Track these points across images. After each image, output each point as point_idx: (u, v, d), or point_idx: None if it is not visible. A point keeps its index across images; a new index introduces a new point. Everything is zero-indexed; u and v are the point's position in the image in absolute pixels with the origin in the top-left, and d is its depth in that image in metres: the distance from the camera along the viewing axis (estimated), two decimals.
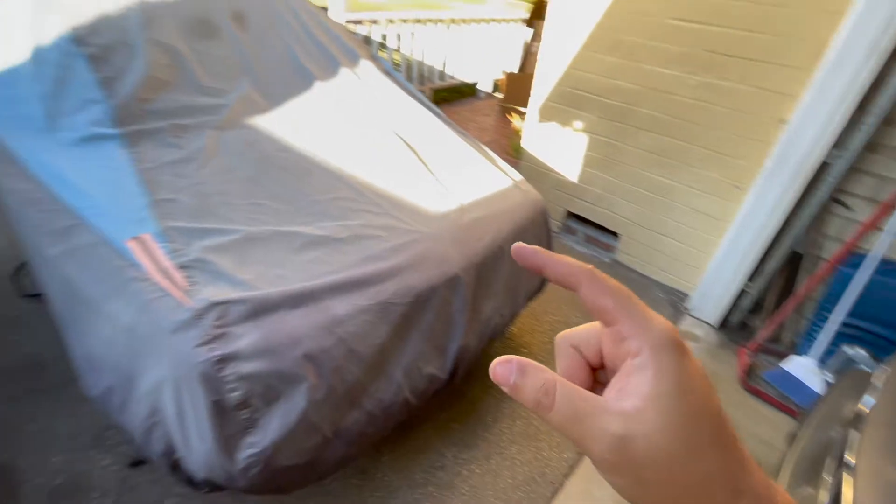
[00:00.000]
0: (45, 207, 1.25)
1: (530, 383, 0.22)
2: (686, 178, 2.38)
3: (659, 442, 0.21)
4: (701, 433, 0.21)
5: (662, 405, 0.21)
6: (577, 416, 0.22)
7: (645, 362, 0.22)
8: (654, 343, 0.22)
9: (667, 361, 0.22)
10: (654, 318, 0.23)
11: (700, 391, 0.21)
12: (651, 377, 0.21)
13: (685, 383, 0.21)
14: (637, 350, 0.22)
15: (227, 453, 1.00)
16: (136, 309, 1.03)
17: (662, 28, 2.17)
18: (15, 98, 1.51)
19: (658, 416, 0.21)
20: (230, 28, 1.94)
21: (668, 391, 0.21)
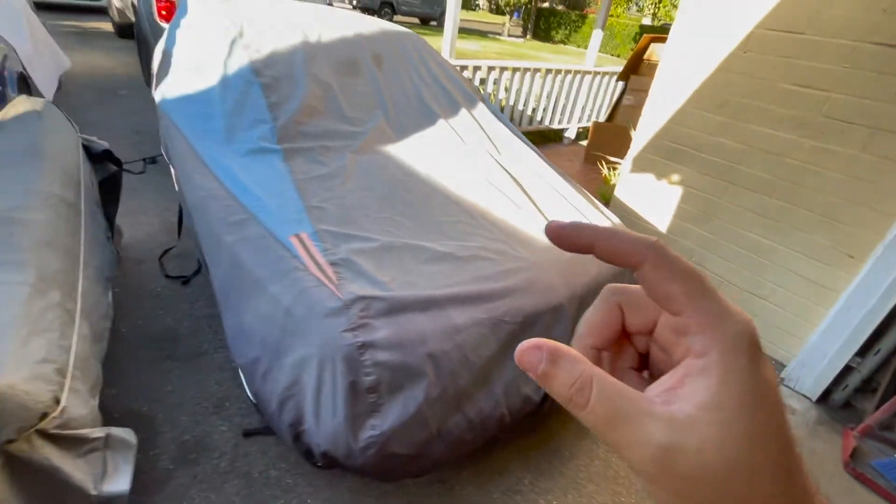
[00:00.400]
0: (224, 203, 1.52)
1: (563, 375, 0.20)
2: (790, 242, 2.31)
3: (712, 459, 0.18)
4: (765, 454, 0.18)
5: (723, 418, 0.18)
6: (616, 419, 0.19)
7: (710, 365, 0.19)
8: (726, 345, 0.19)
9: (737, 368, 0.19)
10: (730, 315, 0.20)
11: (770, 407, 0.19)
12: (714, 384, 0.19)
13: (755, 396, 0.19)
14: (702, 350, 0.20)
15: (353, 430, 1.14)
16: (296, 293, 1.22)
17: (776, 91, 2.19)
18: (206, 114, 1.86)
19: (715, 429, 0.18)
20: (370, 68, 2.25)
21: (733, 403, 0.18)
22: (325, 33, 2.24)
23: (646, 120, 2.76)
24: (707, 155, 2.52)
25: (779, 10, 2.12)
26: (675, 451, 0.18)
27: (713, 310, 0.20)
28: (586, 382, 0.20)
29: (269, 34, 2.09)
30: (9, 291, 0.98)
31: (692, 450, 0.18)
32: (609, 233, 0.21)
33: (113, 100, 4.85)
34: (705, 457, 0.18)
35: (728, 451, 0.18)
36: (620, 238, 0.21)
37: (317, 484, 1.56)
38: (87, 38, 7.10)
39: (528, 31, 23.90)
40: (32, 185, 1.34)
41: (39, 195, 1.31)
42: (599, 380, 0.20)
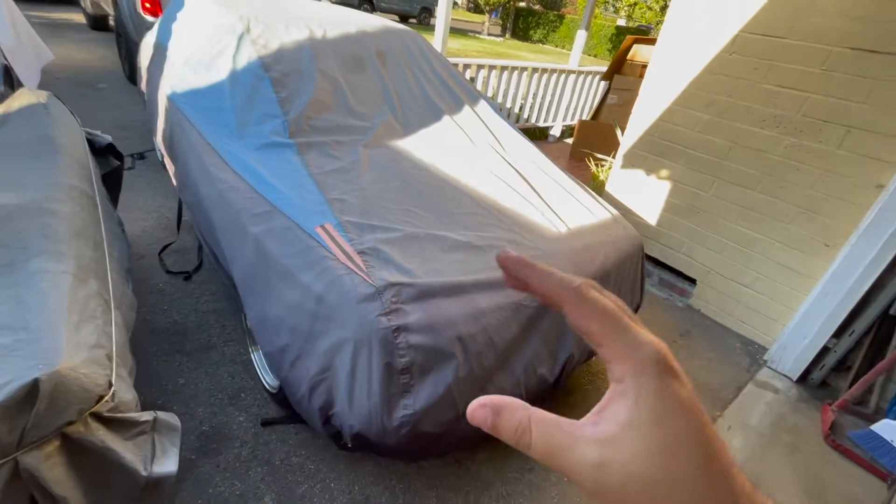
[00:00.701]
0: (246, 195, 1.54)
1: (506, 424, 0.23)
2: (771, 232, 2.46)
3: (636, 470, 0.20)
4: (684, 462, 0.20)
5: (640, 433, 0.20)
6: (554, 450, 0.22)
7: (626, 389, 0.21)
8: (637, 368, 0.21)
9: (648, 387, 0.21)
10: (641, 344, 0.21)
11: (685, 418, 0.21)
12: (630, 404, 0.21)
13: (667, 409, 0.21)
14: (620, 376, 0.22)
15: (387, 410, 1.19)
16: (328, 281, 1.26)
17: (759, 91, 2.34)
18: (218, 108, 1.87)
19: (634, 443, 0.20)
20: (375, 64, 2.29)
21: (647, 418, 0.21)
22: (330, 29, 2.26)
23: (635, 118, 2.88)
24: (694, 151, 2.66)
25: (761, 15, 2.26)
26: (605, 467, 0.20)
27: (625, 342, 0.21)
28: (525, 427, 0.22)
29: (275, 30, 2.11)
30: (55, 280, 1.00)
31: (618, 464, 0.20)
32: (541, 274, 0.24)
33: (92, 93, 4.72)
34: (630, 469, 0.20)
35: (648, 461, 0.20)
36: (550, 280, 0.23)
37: (338, 469, 1.60)
38: (58, 30, 6.85)
39: (507, 30, 24.11)
40: (54, 177, 1.34)
41: (63, 187, 1.32)
42: (536, 421, 0.22)
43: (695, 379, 2.33)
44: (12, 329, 0.89)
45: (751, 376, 2.40)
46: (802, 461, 1.95)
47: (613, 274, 1.74)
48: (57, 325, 0.91)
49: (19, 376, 0.80)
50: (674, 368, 0.21)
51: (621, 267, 1.80)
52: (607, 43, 20.84)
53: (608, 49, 20.82)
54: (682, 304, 2.93)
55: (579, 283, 0.23)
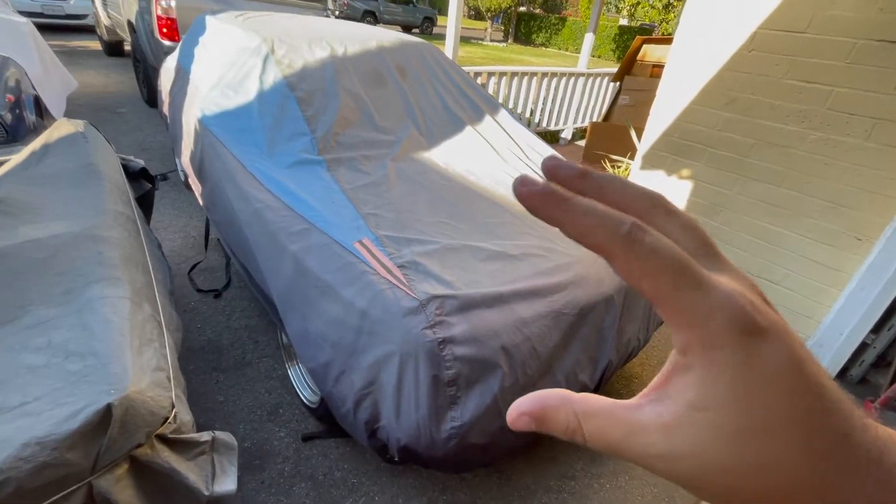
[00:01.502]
0: (282, 213, 1.57)
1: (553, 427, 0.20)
2: (800, 228, 2.43)
3: (713, 460, 0.17)
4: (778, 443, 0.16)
5: (713, 416, 0.17)
6: (612, 444, 0.19)
7: (692, 362, 0.17)
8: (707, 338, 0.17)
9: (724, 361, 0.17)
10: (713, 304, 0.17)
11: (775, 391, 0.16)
12: (699, 381, 0.17)
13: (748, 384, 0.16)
14: (683, 346, 0.18)
15: (436, 423, 1.20)
16: (371, 296, 1.28)
17: (781, 87, 2.32)
18: (248, 129, 1.91)
19: (707, 428, 0.17)
20: (395, 79, 2.32)
21: (722, 397, 0.17)
22: (349, 46, 2.31)
23: (654, 119, 2.87)
24: (716, 149, 2.64)
25: (780, 11, 2.25)
26: (674, 457, 0.17)
27: (692, 305, 0.17)
28: (573, 425, 0.19)
29: (298, 49, 2.15)
30: (115, 305, 1.03)
31: (689, 454, 0.17)
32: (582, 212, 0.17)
33: (113, 118, 4.84)
34: (706, 459, 0.17)
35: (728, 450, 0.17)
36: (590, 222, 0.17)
37: (381, 482, 1.61)
38: (76, 57, 7.04)
39: (510, 35, 24.23)
40: (101, 204, 1.38)
41: (110, 213, 1.35)
42: (584, 416, 0.19)
43: None
44: (80, 356, 0.91)
45: None
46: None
47: None
48: (122, 350, 0.94)
49: (92, 402, 0.83)
50: (760, 326, 0.17)
51: None
52: (611, 43, 20.83)
53: (612, 49, 20.81)
54: None
55: (629, 225, 0.17)
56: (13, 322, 0.97)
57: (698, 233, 0.19)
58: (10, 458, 0.75)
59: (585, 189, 0.19)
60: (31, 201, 1.36)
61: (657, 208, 0.19)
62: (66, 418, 0.80)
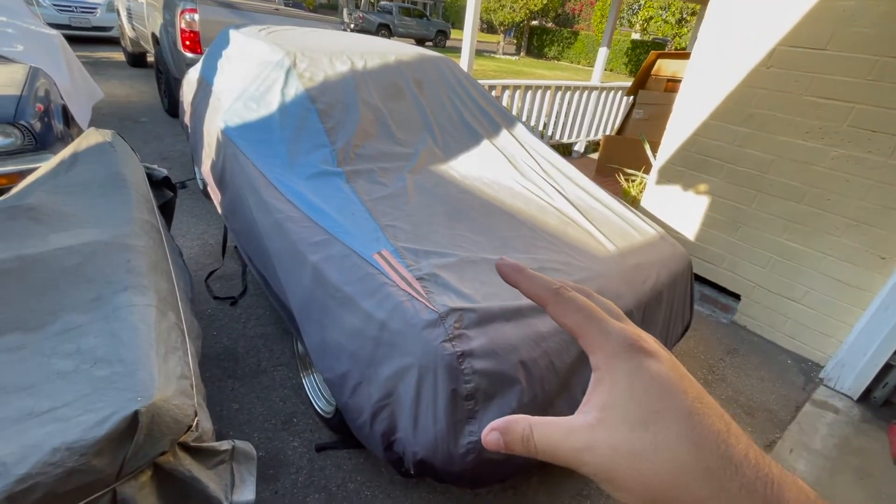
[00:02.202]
0: (302, 224, 1.59)
1: (513, 438, 0.24)
2: (820, 245, 2.40)
3: (619, 446, 0.22)
4: (662, 431, 0.21)
5: (617, 411, 0.22)
6: (555, 448, 0.23)
7: (602, 375, 0.23)
8: (609, 355, 0.23)
9: (620, 370, 0.23)
10: (612, 331, 0.24)
11: (659, 390, 0.22)
12: (607, 387, 0.23)
13: (640, 385, 0.22)
14: (596, 364, 0.24)
15: (453, 437, 1.19)
16: (390, 308, 1.28)
17: (801, 104, 2.31)
18: (269, 140, 1.95)
19: (614, 421, 0.22)
20: (413, 92, 2.35)
21: (622, 396, 0.22)
22: (369, 60, 2.35)
23: (670, 133, 2.87)
24: (734, 165, 2.62)
25: (800, 28, 2.25)
26: (594, 449, 0.22)
27: (598, 333, 0.24)
28: (528, 434, 0.24)
29: (319, 63, 2.20)
30: (142, 313, 1.05)
31: (604, 444, 0.22)
32: (528, 276, 0.27)
33: (135, 127, 4.96)
34: (614, 446, 0.22)
35: (628, 437, 0.21)
36: (534, 281, 0.27)
37: (394, 494, 1.60)
38: (100, 68, 7.25)
39: (522, 48, 24.45)
40: (128, 212, 1.41)
41: (137, 222, 1.38)
42: (536, 425, 0.24)
43: (749, 399, 2.25)
44: (108, 362, 0.93)
45: (808, 395, 2.31)
46: (874, 486, 1.85)
47: (666, 292, 1.71)
48: (149, 358, 0.95)
49: (120, 409, 0.84)
50: (645, 348, 0.23)
51: (672, 285, 1.78)
52: (623, 57, 20.91)
53: (624, 63, 20.88)
54: (727, 321, 2.85)
55: (559, 285, 0.26)
56: (44, 328, 1.00)
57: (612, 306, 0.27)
58: (39, 462, 0.76)
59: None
60: (62, 209, 1.40)
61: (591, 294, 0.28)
62: (94, 424, 0.81)
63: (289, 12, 5.27)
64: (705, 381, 2.32)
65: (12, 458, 0.76)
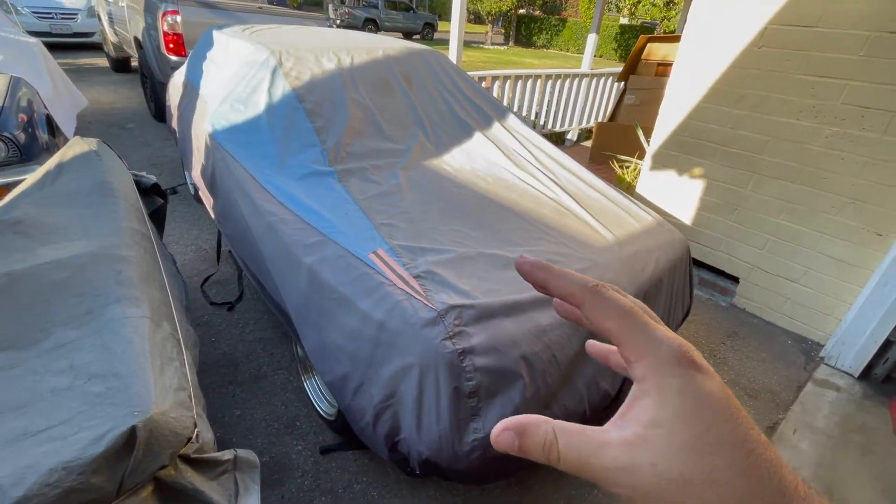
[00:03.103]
0: (295, 226, 1.57)
1: (532, 442, 0.22)
2: (816, 225, 2.39)
3: (666, 470, 0.20)
4: (718, 458, 0.19)
5: (666, 431, 0.20)
6: (583, 460, 0.21)
7: (648, 389, 0.21)
8: (658, 366, 0.21)
9: (670, 385, 0.21)
10: (660, 342, 0.22)
11: (714, 413, 0.20)
12: (654, 402, 0.21)
13: (694, 405, 0.20)
14: (641, 376, 0.22)
15: (458, 435, 1.18)
16: (388, 307, 1.26)
17: (793, 83, 2.29)
18: (258, 142, 1.92)
19: (661, 442, 0.20)
20: (402, 87, 2.32)
21: (673, 415, 0.20)
22: (356, 56, 2.31)
23: (663, 118, 2.85)
24: (728, 147, 2.61)
25: (790, 6, 2.22)
26: (635, 469, 0.20)
27: (644, 340, 0.22)
28: (552, 441, 0.22)
29: (305, 61, 2.16)
30: (135, 325, 1.02)
31: (648, 465, 0.20)
32: (558, 275, 0.24)
33: (122, 134, 4.89)
34: (660, 470, 0.20)
35: (678, 462, 0.20)
36: (568, 281, 0.24)
37: (401, 494, 1.59)
38: (84, 75, 7.14)
39: (510, 38, 24.28)
40: (117, 222, 1.39)
41: (126, 232, 1.36)
42: (561, 432, 0.22)
43: (751, 381, 2.25)
44: (103, 377, 0.91)
45: (809, 375, 2.31)
46: (877, 462, 1.86)
47: (666, 279, 1.71)
48: (144, 371, 0.93)
49: (117, 425, 0.82)
50: (697, 363, 0.21)
51: (672, 272, 1.77)
52: (612, 42, 20.80)
53: (613, 49, 20.77)
54: (726, 304, 2.86)
55: (596, 282, 0.24)
56: (36, 345, 0.97)
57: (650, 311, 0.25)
58: (36, 484, 0.74)
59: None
60: (48, 221, 1.37)
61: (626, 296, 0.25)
62: (91, 442, 0.79)
63: (273, 10, 5.19)
64: None
65: (8, 479, 0.74)
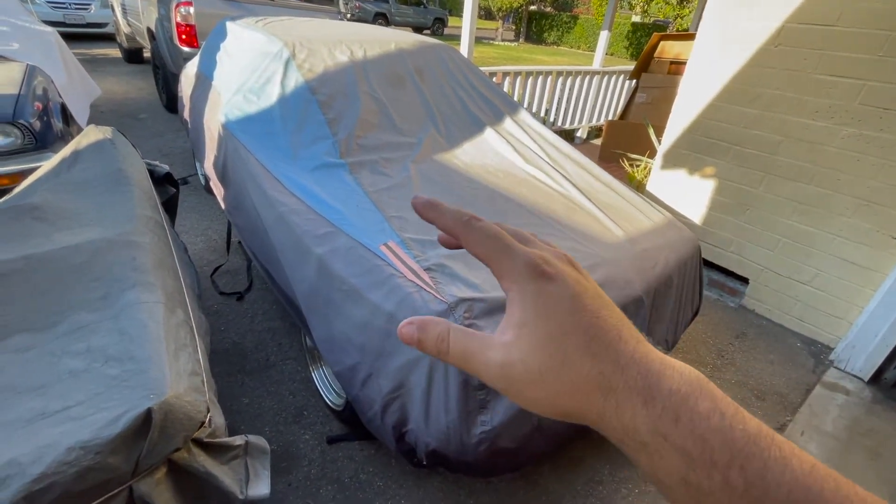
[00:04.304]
0: (307, 217, 1.57)
1: (430, 336, 0.26)
2: (831, 227, 2.37)
3: (531, 362, 0.23)
4: (567, 346, 0.23)
5: (529, 330, 0.24)
6: (468, 354, 0.25)
7: (513, 297, 0.25)
8: (517, 277, 0.25)
9: (528, 291, 0.24)
10: (518, 255, 0.25)
11: (561, 310, 0.24)
12: (518, 308, 0.25)
13: (545, 306, 0.24)
14: (507, 287, 0.26)
15: (466, 427, 1.19)
16: (399, 299, 1.27)
17: (810, 82, 2.26)
18: (271, 133, 1.93)
19: (526, 339, 0.24)
20: (414, 80, 2.32)
21: (532, 316, 0.24)
22: (369, 49, 2.31)
23: (675, 116, 2.83)
24: (741, 147, 2.58)
25: (808, 5, 2.19)
26: (509, 364, 0.24)
27: (508, 258, 0.25)
28: (444, 335, 0.26)
29: (318, 53, 2.16)
30: (150, 311, 1.04)
31: (518, 359, 0.24)
32: (444, 211, 0.27)
33: (135, 124, 4.93)
34: (527, 361, 0.23)
35: (539, 353, 0.23)
36: (446, 217, 0.27)
37: (407, 485, 1.60)
38: (98, 65, 7.20)
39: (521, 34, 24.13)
40: (131, 209, 1.40)
41: (141, 219, 1.37)
42: (454, 331, 0.26)
43: (759, 382, 2.24)
44: (119, 360, 0.92)
45: (818, 378, 2.30)
46: (886, 465, 1.85)
47: (675, 278, 1.70)
48: (160, 355, 0.94)
49: (133, 407, 0.83)
50: (546, 272, 0.25)
51: (682, 270, 1.76)
52: (623, 40, 20.61)
53: (625, 46, 20.59)
54: (735, 305, 2.84)
55: (469, 216, 0.27)
56: (53, 327, 0.99)
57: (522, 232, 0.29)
58: (55, 462, 0.76)
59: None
60: (65, 207, 1.39)
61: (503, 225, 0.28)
62: (108, 423, 0.81)
63: (285, 2, 5.19)
64: (714, 366, 2.32)
65: (27, 458, 0.76)
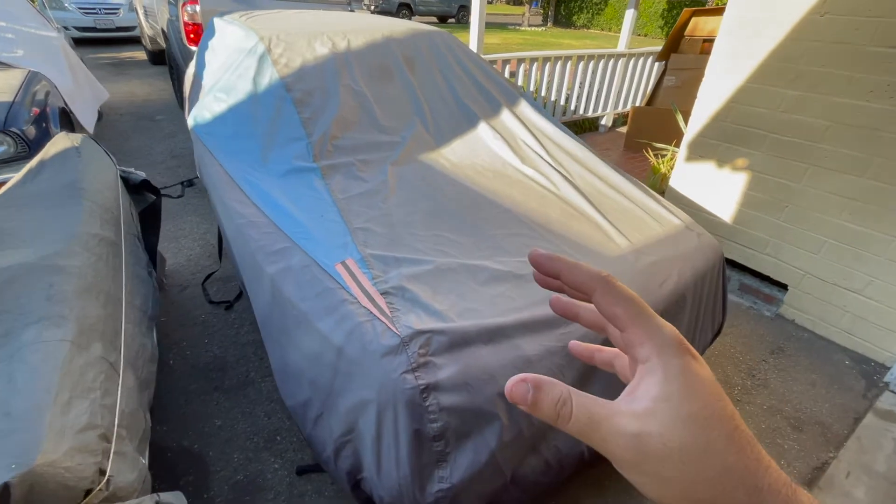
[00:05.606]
0: (264, 230, 1.43)
1: (547, 398, 0.24)
2: (888, 227, 2.02)
3: (671, 439, 0.22)
4: (713, 431, 0.22)
5: (672, 405, 0.22)
6: (594, 422, 0.23)
7: (654, 367, 0.24)
8: (662, 349, 0.24)
9: (673, 365, 0.23)
10: (662, 326, 0.24)
11: (709, 393, 0.23)
12: (659, 380, 0.23)
13: (692, 385, 0.23)
14: (646, 356, 0.24)
15: (419, 484, 1.01)
16: (347, 330, 1.10)
17: (863, 56, 1.91)
18: (240, 136, 1.79)
19: (668, 414, 0.22)
20: (403, 72, 2.12)
21: (677, 392, 0.23)
22: (353, 40, 2.13)
23: (701, 102, 2.51)
24: (779, 135, 2.25)
25: None
26: (644, 437, 0.22)
27: (648, 326, 0.24)
28: (566, 399, 0.24)
29: (297, 46, 2.01)
30: (49, 351, 0.91)
31: (655, 434, 0.22)
32: (572, 266, 0.26)
33: (151, 126, 4.98)
34: (665, 437, 0.22)
35: (682, 430, 0.22)
36: (579, 271, 0.26)
37: None
38: (124, 68, 7.37)
39: (549, 18, 23.30)
40: (73, 227, 1.29)
41: (80, 238, 1.26)
42: (576, 394, 0.24)
43: (797, 409, 1.94)
44: None
45: (870, 404, 1.98)
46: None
47: (690, 294, 1.45)
48: (42, 409, 0.81)
49: None
50: (691, 350, 0.24)
51: (699, 285, 1.50)
52: (658, 20, 19.50)
53: (660, 26, 19.48)
54: (771, 314, 2.51)
55: (607, 273, 0.26)
56: None
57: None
58: None
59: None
60: (4, 226, 1.30)
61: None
62: None
63: None
64: (743, 388, 2.03)
65: None
